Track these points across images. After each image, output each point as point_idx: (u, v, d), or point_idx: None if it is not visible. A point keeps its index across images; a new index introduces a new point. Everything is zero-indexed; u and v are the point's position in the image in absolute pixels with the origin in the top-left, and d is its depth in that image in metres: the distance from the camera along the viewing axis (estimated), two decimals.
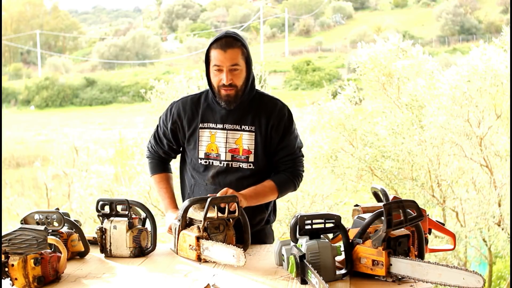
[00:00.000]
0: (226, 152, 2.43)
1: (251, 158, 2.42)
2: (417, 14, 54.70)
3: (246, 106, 2.43)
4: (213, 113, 2.44)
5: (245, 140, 2.42)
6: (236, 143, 2.42)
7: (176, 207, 2.52)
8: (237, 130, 2.42)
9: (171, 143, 2.55)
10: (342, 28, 53.53)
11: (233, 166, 2.43)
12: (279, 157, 2.46)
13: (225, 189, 2.29)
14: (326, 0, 58.67)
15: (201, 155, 2.46)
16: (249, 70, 2.41)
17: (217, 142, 2.43)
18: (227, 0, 63.57)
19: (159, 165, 2.63)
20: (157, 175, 2.61)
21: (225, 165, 2.43)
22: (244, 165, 2.42)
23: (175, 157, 2.67)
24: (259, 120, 2.42)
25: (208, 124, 2.44)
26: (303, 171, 2.53)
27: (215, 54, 2.34)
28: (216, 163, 2.44)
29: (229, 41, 2.34)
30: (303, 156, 2.53)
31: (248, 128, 2.42)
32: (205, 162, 2.46)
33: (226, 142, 2.43)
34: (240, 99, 2.39)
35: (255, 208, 2.44)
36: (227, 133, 2.42)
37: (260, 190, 2.41)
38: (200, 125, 2.45)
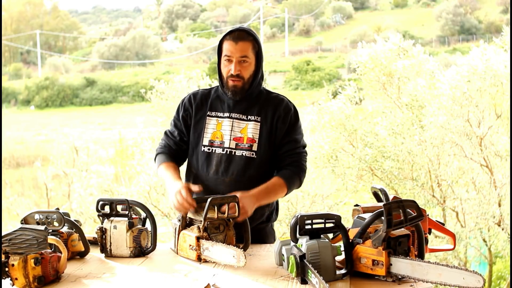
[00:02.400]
0: (230, 140, 2.45)
1: (255, 147, 2.45)
2: (417, 14, 54.72)
3: (253, 98, 2.49)
4: (221, 103, 2.50)
5: (250, 129, 2.45)
6: (241, 132, 2.46)
7: (180, 178, 2.41)
8: (243, 119, 2.47)
9: (182, 134, 2.55)
10: (342, 28, 53.56)
11: (236, 154, 2.44)
12: (285, 149, 2.47)
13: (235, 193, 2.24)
14: (326, 0, 58.67)
15: (205, 142, 2.47)
16: (259, 65, 2.47)
17: (223, 130, 2.47)
18: (227, 0, 63.60)
19: (167, 157, 2.54)
20: (162, 164, 2.53)
21: (227, 153, 2.44)
22: (247, 154, 2.44)
23: (184, 154, 2.57)
24: (265, 111, 2.47)
25: (216, 113, 2.50)
26: (306, 166, 2.53)
27: (226, 45, 2.42)
28: (218, 150, 2.45)
29: (242, 35, 2.43)
30: (306, 153, 2.53)
31: (254, 118, 2.46)
32: (208, 149, 2.46)
33: (231, 130, 2.46)
34: (246, 92, 2.45)
35: None
36: (233, 121, 2.47)
37: (271, 187, 2.39)
38: (208, 113, 2.50)
